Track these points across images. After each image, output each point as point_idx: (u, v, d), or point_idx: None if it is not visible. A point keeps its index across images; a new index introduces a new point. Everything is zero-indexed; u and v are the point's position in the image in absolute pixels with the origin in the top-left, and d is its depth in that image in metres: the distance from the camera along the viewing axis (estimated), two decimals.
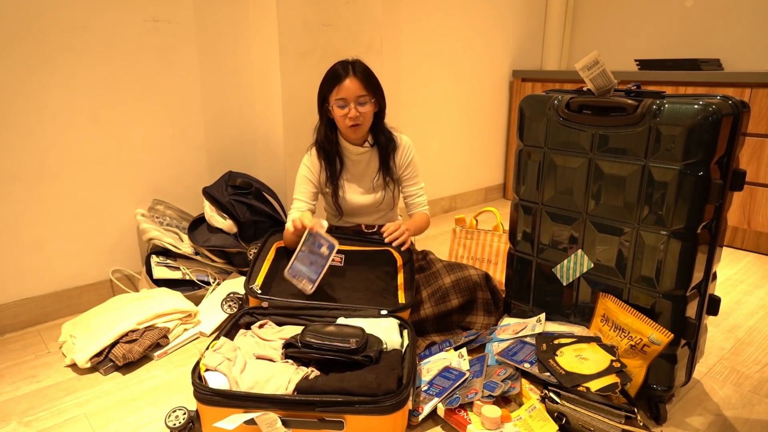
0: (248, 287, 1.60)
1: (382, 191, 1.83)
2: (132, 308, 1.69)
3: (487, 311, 1.70)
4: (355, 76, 1.66)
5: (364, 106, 1.68)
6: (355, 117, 1.67)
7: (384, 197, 1.84)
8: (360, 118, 1.68)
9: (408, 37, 2.79)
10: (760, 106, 2.43)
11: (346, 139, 1.78)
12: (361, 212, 1.86)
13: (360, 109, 1.67)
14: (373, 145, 1.80)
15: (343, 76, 1.66)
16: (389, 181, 1.83)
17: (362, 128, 1.71)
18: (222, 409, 1.17)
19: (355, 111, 1.67)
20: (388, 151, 1.80)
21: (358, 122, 1.68)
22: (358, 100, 1.67)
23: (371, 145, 1.79)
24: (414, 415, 1.29)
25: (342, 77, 1.66)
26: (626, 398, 1.29)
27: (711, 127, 1.18)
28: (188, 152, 2.15)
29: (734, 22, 2.89)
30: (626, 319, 1.34)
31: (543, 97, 1.48)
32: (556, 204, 1.50)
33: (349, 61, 1.70)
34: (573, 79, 3.12)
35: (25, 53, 1.71)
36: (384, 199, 1.84)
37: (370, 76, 1.70)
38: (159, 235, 1.94)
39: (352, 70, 1.67)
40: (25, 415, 1.38)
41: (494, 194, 3.64)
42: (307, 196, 1.79)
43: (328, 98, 1.70)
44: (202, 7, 2.06)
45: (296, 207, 1.79)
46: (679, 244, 1.26)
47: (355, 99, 1.66)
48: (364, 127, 1.72)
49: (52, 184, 1.83)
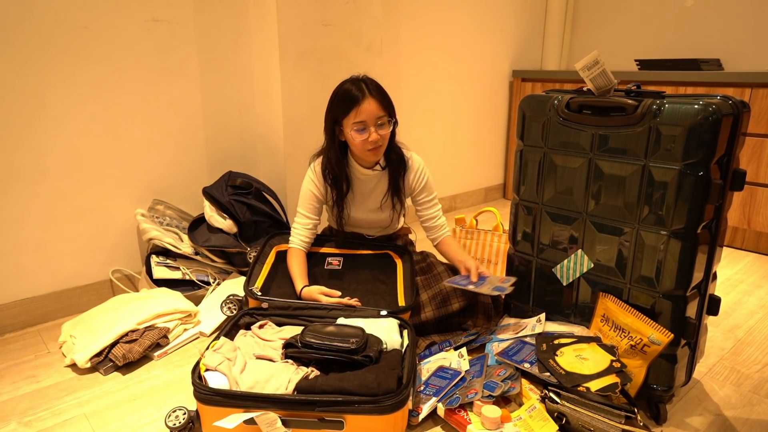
0: (248, 289, 1.60)
1: (390, 211, 1.78)
2: (132, 308, 1.69)
3: (487, 315, 1.70)
4: (372, 96, 1.56)
5: (383, 128, 1.59)
6: (376, 140, 1.58)
7: (391, 217, 1.80)
8: (380, 141, 1.59)
9: (408, 37, 2.79)
10: (760, 106, 2.43)
11: (358, 162, 1.71)
12: (364, 226, 1.84)
13: (380, 132, 1.58)
14: (384, 167, 1.72)
15: (360, 97, 1.55)
16: (397, 201, 1.76)
17: (381, 150, 1.64)
18: (222, 408, 1.17)
19: (376, 134, 1.57)
20: (399, 172, 1.72)
21: (379, 144, 1.60)
22: (378, 122, 1.57)
23: (383, 167, 1.72)
24: (413, 416, 1.29)
25: (359, 99, 1.55)
26: (626, 398, 1.29)
27: (711, 127, 1.18)
28: (188, 152, 2.15)
29: (734, 22, 2.89)
30: (626, 319, 1.34)
31: (543, 97, 1.48)
32: (556, 204, 1.50)
33: (359, 78, 1.60)
34: (573, 79, 3.12)
35: (25, 53, 1.71)
36: (391, 219, 1.80)
37: (385, 95, 1.61)
38: (159, 235, 1.94)
39: (367, 89, 1.56)
40: (25, 415, 1.38)
41: (494, 194, 3.64)
42: (312, 212, 1.74)
43: (341, 121, 1.60)
44: (201, 7, 2.06)
45: (301, 223, 1.74)
46: (679, 244, 1.26)
47: (374, 122, 1.57)
48: (383, 149, 1.64)
49: (52, 184, 1.83)
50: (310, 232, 1.75)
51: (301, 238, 1.74)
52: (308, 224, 1.74)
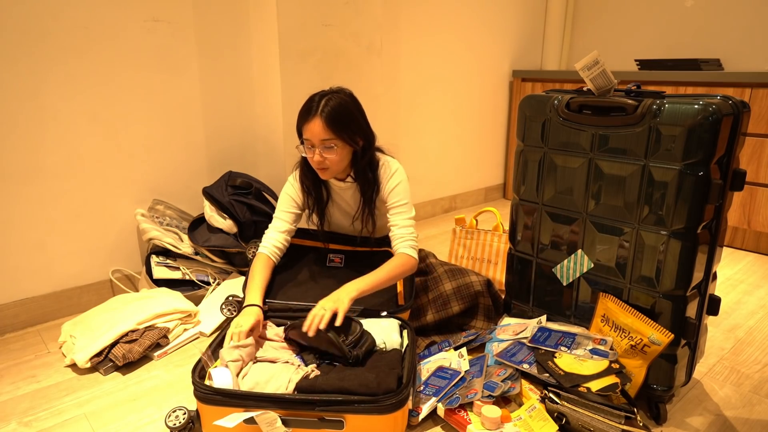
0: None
1: (362, 226, 1.69)
2: (132, 308, 1.69)
3: (487, 316, 1.70)
4: (320, 117, 1.46)
5: (330, 152, 1.50)
6: (319, 162, 1.51)
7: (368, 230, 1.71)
8: (325, 163, 1.51)
9: (408, 37, 2.79)
10: (760, 106, 2.43)
11: None
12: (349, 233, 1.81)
13: (325, 154, 1.50)
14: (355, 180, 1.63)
15: (309, 116, 1.48)
16: (368, 218, 1.66)
17: (330, 172, 1.55)
18: (222, 408, 1.17)
19: (319, 156, 1.50)
20: (372, 189, 1.61)
21: (323, 166, 1.52)
22: (323, 144, 1.49)
23: (354, 179, 1.63)
24: (413, 415, 1.29)
25: (307, 117, 1.49)
26: (626, 398, 1.29)
27: (711, 127, 1.18)
28: (188, 152, 2.15)
29: (734, 22, 2.89)
30: (626, 319, 1.34)
31: (543, 97, 1.48)
32: (556, 204, 1.50)
33: (325, 93, 1.52)
34: (573, 79, 3.12)
35: (25, 53, 1.71)
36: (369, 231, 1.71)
37: (340, 117, 1.48)
38: (159, 235, 1.94)
39: (318, 109, 1.47)
40: (25, 415, 1.38)
41: (494, 194, 3.64)
42: (288, 218, 1.66)
43: (300, 133, 1.54)
44: (201, 7, 2.06)
45: (276, 227, 1.66)
46: (679, 244, 1.26)
47: (319, 143, 1.49)
48: (333, 170, 1.54)
49: (52, 184, 1.83)
50: (284, 239, 1.66)
51: (274, 243, 1.63)
52: (282, 228, 1.65)
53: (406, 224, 1.59)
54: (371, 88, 2.44)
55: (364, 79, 2.40)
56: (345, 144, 1.52)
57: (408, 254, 1.56)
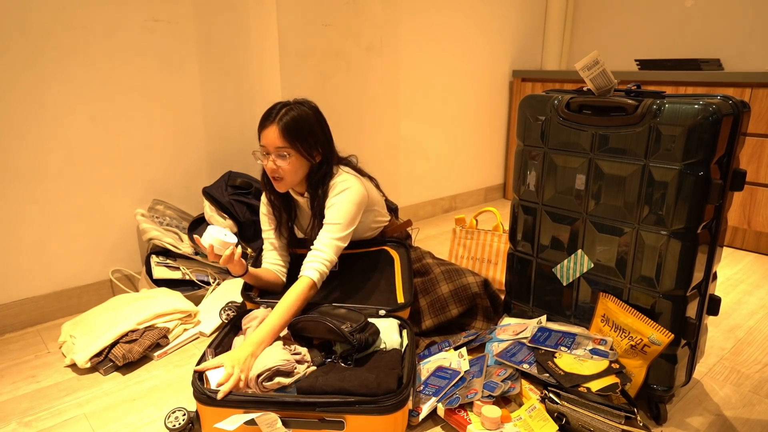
0: (245, 293, 1.60)
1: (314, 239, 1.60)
2: (132, 308, 1.69)
3: (486, 317, 1.70)
4: (276, 125, 1.45)
5: (283, 160, 1.48)
6: (272, 170, 1.50)
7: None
8: (278, 172, 1.49)
9: (408, 37, 2.79)
10: (760, 106, 2.43)
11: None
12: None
13: (278, 162, 1.48)
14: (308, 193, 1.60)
15: (266, 122, 1.48)
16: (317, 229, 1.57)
17: (284, 183, 1.52)
18: (222, 409, 1.17)
19: (272, 164, 1.48)
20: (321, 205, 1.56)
21: (277, 175, 1.50)
22: (278, 152, 1.47)
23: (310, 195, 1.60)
24: (413, 416, 1.29)
25: (264, 123, 1.48)
26: (626, 398, 1.29)
27: (711, 127, 1.18)
28: (188, 152, 2.15)
29: (734, 22, 2.89)
30: (626, 319, 1.34)
31: (543, 97, 1.48)
32: (556, 204, 1.50)
33: (287, 103, 1.51)
34: (573, 79, 3.12)
35: (25, 53, 1.71)
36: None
37: (297, 127, 1.47)
38: (159, 235, 1.94)
39: (278, 117, 1.46)
40: (25, 415, 1.38)
41: (494, 194, 3.64)
42: (274, 235, 1.66)
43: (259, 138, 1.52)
44: (202, 7, 2.06)
45: (267, 248, 1.67)
46: (679, 244, 1.26)
47: (274, 150, 1.48)
48: (287, 182, 1.52)
49: (52, 184, 1.83)
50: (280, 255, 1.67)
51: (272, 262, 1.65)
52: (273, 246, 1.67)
53: (325, 243, 1.49)
54: (371, 88, 2.45)
55: (364, 79, 2.40)
56: (299, 155, 1.49)
57: (308, 277, 1.44)
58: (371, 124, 2.20)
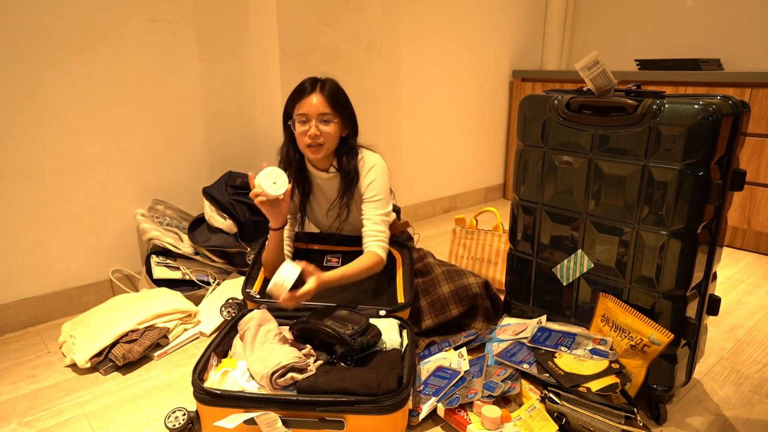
0: (245, 291, 1.60)
1: (334, 220, 1.69)
2: (132, 308, 1.69)
3: (486, 318, 1.70)
4: (321, 93, 1.54)
5: (327, 125, 1.54)
6: (315, 136, 1.53)
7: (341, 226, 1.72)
8: (321, 138, 1.54)
9: (408, 37, 2.79)
10: (760, 106, 2.43)
11: (311, 163, 1.66)
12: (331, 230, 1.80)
13: (321, 128, 1.54)
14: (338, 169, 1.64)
15: (309, 91, 1.54)
16: (344, 210, 1.66)
17: (323, 149, 1.56)
18: (222, 409, 1.17)
19: (315, 129, 1.53)
20: (351, 180, 1.62)
21: (318, 141, 1.54)
22: (321, 117, 1.53)
23: (336, 169, 1.64)
24: (413, 415, 1.29)
25: (306, 91, 1.54)
26: (626, 398, 1.29)
27: (711, 127, 1.18)
28: (188, 152, 2.15)
29: (734, 22, 2.89)
30: (626, 319, 1.34)
31: (543, 97, 1.48)
32: (556, 204, 1.50)
33: (320, 78, 1.58)
34: (573, 79, 3.12)
35: (26, 53, 1.71)
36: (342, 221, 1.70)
37: (338, 96, 1.57)
38: (159, 235, 1.94)
39: (319, 87, 1.55)
40: (25, 415, 1.38)
41: (494, 194, 3.64)
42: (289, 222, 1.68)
43: (291, 114, 1.58)
44: (202, 7, 2.06)
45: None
46: (679, 244, 1.26)
47: (317, 116, 1.53)
48: (326, 148, 1.57)
49: (53, 184, 1.83)
50: (288, 245, 1.68)
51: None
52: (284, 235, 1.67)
53: (378, 221, 1.59)
54: (371, 88, 2.44)
55: (364, 79, 2.40)
56: (339, 122, 1.57)
57: (376, 253, 1.56)
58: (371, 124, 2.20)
